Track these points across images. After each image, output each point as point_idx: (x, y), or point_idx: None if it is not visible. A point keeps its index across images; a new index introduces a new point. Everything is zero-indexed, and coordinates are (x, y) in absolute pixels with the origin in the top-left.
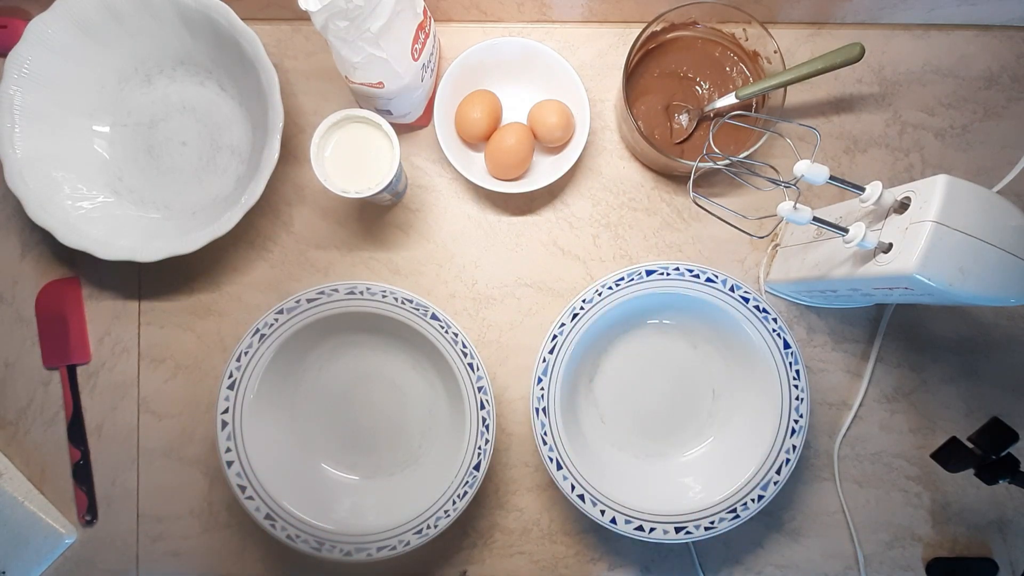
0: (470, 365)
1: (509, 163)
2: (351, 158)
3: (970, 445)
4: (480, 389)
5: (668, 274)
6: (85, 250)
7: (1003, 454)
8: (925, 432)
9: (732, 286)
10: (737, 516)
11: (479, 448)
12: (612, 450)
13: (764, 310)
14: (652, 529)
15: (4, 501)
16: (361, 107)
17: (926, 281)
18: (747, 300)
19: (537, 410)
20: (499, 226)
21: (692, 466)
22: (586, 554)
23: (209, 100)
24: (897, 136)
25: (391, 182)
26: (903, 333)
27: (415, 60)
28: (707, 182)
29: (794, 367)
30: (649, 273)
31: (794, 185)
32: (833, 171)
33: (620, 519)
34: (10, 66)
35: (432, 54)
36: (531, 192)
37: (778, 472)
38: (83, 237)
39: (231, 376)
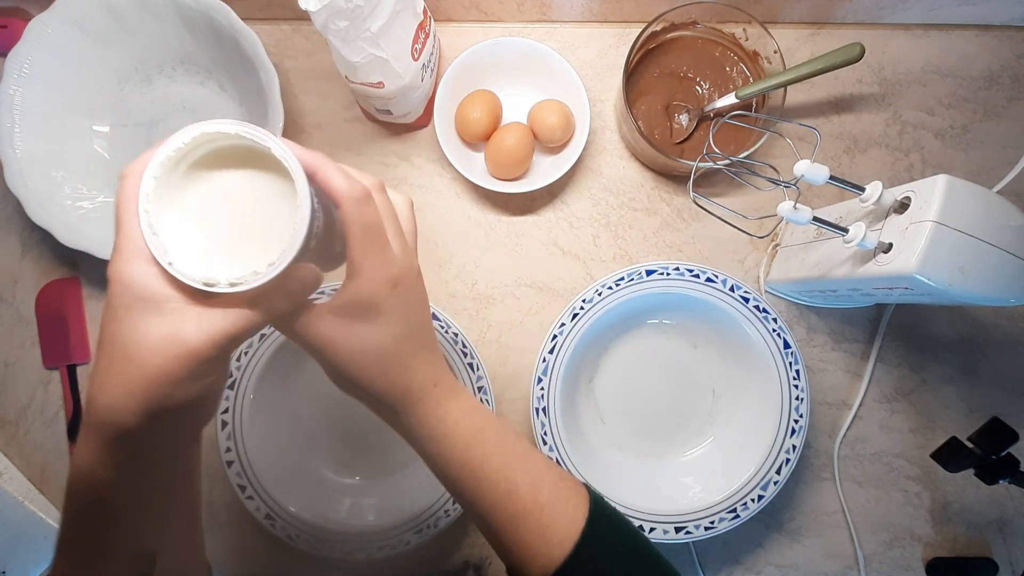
0: (470, 365)
1: (509, 163)
2: (223, 219)
3: (970, 445)
4: (480, 389)
5: (668, 274)
6: (85, 250)
7: (1003, 454)
8: (925, 432)
9: (732, 286)
10: (737, 516)
11: None
12: (612, 450)
13: (764, 310)
14: (652, 529)
15: (4, 501)
16: (361, 107)
17: (926, 281)
18: (747, 300)
19: (537, 410)
20: (499, 226)
21: (692, 466)
22: None
23: (209, 100)
24: (897, 136)
25: (304, 241)
26: (903, 333)
27: (415, 60)
28: (707, 182)
29: (794, 367)
30: (649, 273)
31: (794, 185)
32: (833, 171)
33: None
34: (10, 66)
35: (432, 54)
36: (531, 192)
37: (778, 472)
38: (83, 237)
39: (231, 376)
